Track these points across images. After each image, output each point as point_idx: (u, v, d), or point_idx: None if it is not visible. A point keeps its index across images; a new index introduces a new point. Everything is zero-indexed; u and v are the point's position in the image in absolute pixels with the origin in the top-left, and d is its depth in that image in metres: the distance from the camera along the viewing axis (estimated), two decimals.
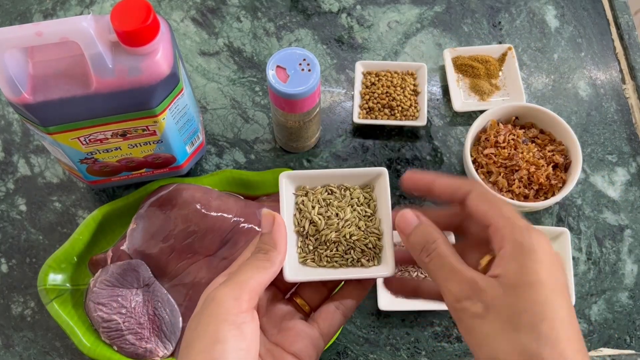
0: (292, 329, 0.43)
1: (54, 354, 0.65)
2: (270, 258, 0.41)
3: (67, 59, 0.52)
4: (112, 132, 0.57)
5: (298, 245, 0.46)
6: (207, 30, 0.81)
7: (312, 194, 0.47)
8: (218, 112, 0.76)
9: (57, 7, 0.82)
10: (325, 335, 0.44)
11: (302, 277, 0.44)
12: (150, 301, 0.64)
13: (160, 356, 0.62)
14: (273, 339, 0.43)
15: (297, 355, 0.42)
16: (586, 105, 0.78)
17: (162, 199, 0.66)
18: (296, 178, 0.47)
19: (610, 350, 0.67)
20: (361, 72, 0.76)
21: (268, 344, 0.43)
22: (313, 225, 0.46)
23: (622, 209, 0.72)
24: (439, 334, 0.66)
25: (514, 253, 0.37)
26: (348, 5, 0.83)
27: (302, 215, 0.47)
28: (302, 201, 0.47)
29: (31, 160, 0.73)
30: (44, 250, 0.69)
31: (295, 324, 0.44)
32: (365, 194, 0.48)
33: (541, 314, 0.35)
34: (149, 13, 0.50)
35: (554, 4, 0.84)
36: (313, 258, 0.46)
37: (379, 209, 0.47)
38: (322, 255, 0.46)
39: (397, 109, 0.74)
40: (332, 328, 0.44)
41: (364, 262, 0.46)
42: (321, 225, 0.46)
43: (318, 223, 0.46)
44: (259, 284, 0.40)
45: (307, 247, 0.46)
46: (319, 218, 0.46)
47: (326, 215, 0.46)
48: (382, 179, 0.47)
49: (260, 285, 0.40)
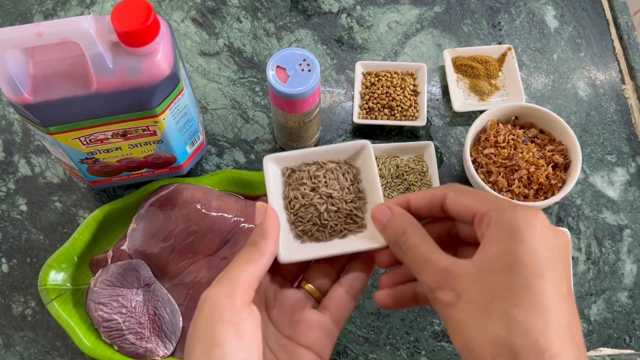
0: (303, 321, 0.42)
1: (54, 353, 0.65)
2: (260, 249, 0.40)
3: (68, 59, 0.52)
4: (113, 132, 0.57)
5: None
6: (207, 30, 0.81)
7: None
8: (218, 112, 0.76)
9: (57, 8, 0.82)
10: (337, 321, 0.43)
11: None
12: (151, 301, 0.64)
13: (161, 356, 0.63)
14: (285, 332, 0.42)
15: (311, 347, 0.41)
16: (586, 106, 0.78)
17: (163, 199, 0.66)
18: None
19: (610, 350, 0.67)
20: (361, 72, 0.77)
21: (281, 338, 0.42)
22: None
23: (622, 209, 0.73)
24: (439, 333, 0.66)
25: (495, 234, 0.35)
26: (348, 5, 0.83)
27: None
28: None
29: (32, 160, 0.73)
30: (44, 250, 0.69)
31: (306, 314, 0.42)
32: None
33: (515, 300, 0.33)
34: (150, 13, 0.50)
35: (553, 5, 0.84)
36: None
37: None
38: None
39: (397, 109, 0.74)
40: (343, 313, 0.43)
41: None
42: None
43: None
44: (251, 276, 0.38)
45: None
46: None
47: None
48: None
49: (252, 278, 0.38)
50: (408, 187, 0.71)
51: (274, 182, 0.46)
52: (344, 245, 0.45)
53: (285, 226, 0.46)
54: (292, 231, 0.46)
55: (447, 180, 0.73)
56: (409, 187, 0.71)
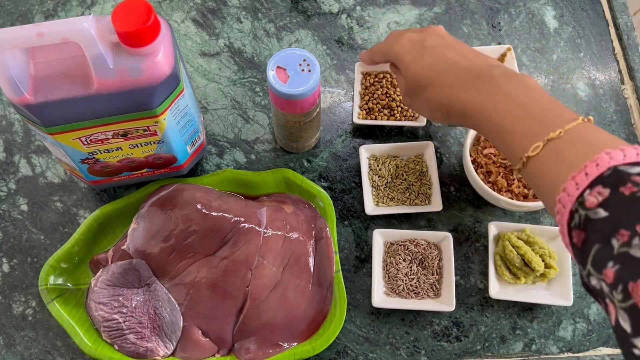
0: None
1: (55, 353, 0.65)
2: None
3: (68, 59, 0.52)
4: (113, 132, 0.58)
5: (372, 194, 0.71)
6: (207, 31, 0.81)
7: (380, 158, 0.73)
8: (219, 113, 0.76)
9: (58, 8, 0.82)
10: None
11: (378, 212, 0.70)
12: (151, 300, 0.64)
13: (161, 355, 0.63)
14: None
15: None
16: (585, 106, 0.78)
17: (163, 199, 0.66)
18: (368, 149, 0.73)
19: (609, 349, 0.67)
20: (360, 73, 0.77)
21: None
22: (381, 178, 0.71)
23: None
24: (439, 333, 0.66)
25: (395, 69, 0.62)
26: (348, 6, 0.83)
27: (373, 172, 0.72)
28: (372, 163, 0.73)
29: (32, 160, 0.73)
30: (45, 250, 0.69)
31: None
32: (417, 159, 0.73)
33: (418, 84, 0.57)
34: (150, 14, 0.50)
35: (553, 5, 0.84)
36: (383, 200, 0.71)
37: (429, 169, 0.72)
38: (390, 196, 0.71)
39: (397, 109, 0.74)
40: None
41: (418, 203, 0.70)
42: (389, 176, 0.72)
43: (386, 176, 0.71)
44: None
45: (378, 193, 0.71)
46: (386, 172, 0.72)
47: (392, 170, 0.72)
48: (430, 148, 0.72)
49: None
50: (408, 187, 0.71)
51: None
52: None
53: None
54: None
55: (447, 181, 0.73)
56: (408, 187, 0.71)
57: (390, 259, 0.68)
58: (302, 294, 0.65)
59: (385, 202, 0.71)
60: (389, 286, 0.67)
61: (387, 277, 0.67)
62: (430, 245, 0.68)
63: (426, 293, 0.67)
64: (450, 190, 0.73)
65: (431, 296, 0.67)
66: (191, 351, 0.63)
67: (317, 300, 0.65)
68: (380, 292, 0.66)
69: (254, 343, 0.64)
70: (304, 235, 0.67)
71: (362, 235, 0.70)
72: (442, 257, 0.68)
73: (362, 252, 0.70)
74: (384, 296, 0.67)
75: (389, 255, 0.68)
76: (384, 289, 0.67)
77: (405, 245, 0.68)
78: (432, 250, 0.68)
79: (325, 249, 0.66)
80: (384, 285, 0.67)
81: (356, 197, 0.72)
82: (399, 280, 0.67)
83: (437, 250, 0.68)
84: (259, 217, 0.66)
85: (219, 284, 0.64)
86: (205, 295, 0.64)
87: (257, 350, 0.63)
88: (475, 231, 0.71)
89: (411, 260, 0.68)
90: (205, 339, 0.64)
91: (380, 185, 0.71)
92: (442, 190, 0.72)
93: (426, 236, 0.69)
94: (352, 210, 0.72)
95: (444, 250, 0.68)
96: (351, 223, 0.71)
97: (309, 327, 0.65)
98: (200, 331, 0.64)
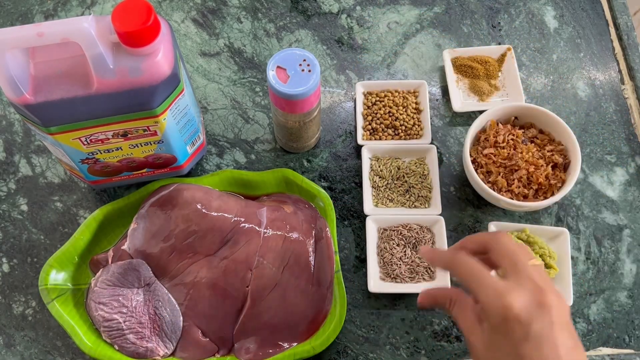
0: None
1: (55, 353, 0.65)
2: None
3: (68, 59, 0.52)
4: (113, 132, 0.58)
5: (372, 194, 0.71)
6: (207, 31, 0.81)
7: (381, 159, 0.73)
8: (219, 113, 0.76)
9: (58, 8, 0.82)
10: None
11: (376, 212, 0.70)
12: (151, 300, 0.64)
13: (161, 355, 0.63)
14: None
15: None
16: (585, 106, 0.78)
17: (163, 199, 0.66)
18: (371, 149, 0.73)
19: (609, 349, 0.67)
20: (362, 93, 0.76)
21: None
22: (382, 179, 0.72)
23: (621, 208, 0.73)
24: (439, 333, 0.66)
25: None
26: (348, 6, 0.83)
27: (374, 173, 0.72)
28: (374, 164, 0.73)
29: (32, 160, 0.73)
30: (45, 250, 0.69)
31: None
32: (419, 161, 0.73)
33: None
34: (150, 14, 0.50)
35: (553, 5, 0.84)
36: (382, 201, 0.71)
37: (431, 172, 0.72)
38: (389, 197, 0.71)
39: (401, 128, 0.74)
40: None
41: (417, 205, 0.71)
42: (389, 177, 0.72)
43: (387, 177, 0.71)
44: None
45: (378, 194, 0.71)
46: (387, 173, 0.72)
47: (393, 171, 0.72)
48: (432, 151, 0.72)
49: None
50: (408, 189, 0.71)
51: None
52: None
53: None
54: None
55: (447, 181, 0.73)
56: (409, 189, 0.71)
57: (384, 245, 0.68)
58: (302, 294, 0.65)
59: (385, 204, 0.71)
60: (384, 271, 0.67)
61: (382, 262, 0.68)
62: (423, 229, 0.69)
63: (421, 276, 0.67)
64: (450, 190, 0.73)
65: (426, 279, 0.67)
66: (191, 351, 0.63)
67: (317, 300, 0.65)
68: (376, 277, 0.67)
69: (254, 343, 0.64)
70: (304, 235, 0.67)
71: (362, 235, 0.70)
72: (435, 240, 0.68)
73: (362, 252, 0.70)
74: (380, 281, 0.67)
75: (382, 240, 0.69)
76: (379, 275, 0.67)
77: (399, 230, 0.69)
78: (425, 234, 0.69)
79: (325, 249, 0.66)
80: (379, 271, 0.68)
81: (356, 197, 0.72)
82: (393, 264, 0.67)
83: (430, 234, 0.69)
84: (259, 217, 0.66)
85: (219, 284, 0.64)
86: (205, 295, 0.64)
87: (257, 350, 0.63)
88: (475, 231, 0.71)
89: (405, 245, 0.68)
90: (205, 339, 0.64)
91: (381, 186, 0.71)
92: (442, 190, 0.72)
93: (419, 220, 0.69)
94: (352, 210, 0.72)
95: (437, 233, 0.69)
96: (351, 223, 0.71)
97: (309, 327, 0.65)
98: (200, 331, 0.64)
